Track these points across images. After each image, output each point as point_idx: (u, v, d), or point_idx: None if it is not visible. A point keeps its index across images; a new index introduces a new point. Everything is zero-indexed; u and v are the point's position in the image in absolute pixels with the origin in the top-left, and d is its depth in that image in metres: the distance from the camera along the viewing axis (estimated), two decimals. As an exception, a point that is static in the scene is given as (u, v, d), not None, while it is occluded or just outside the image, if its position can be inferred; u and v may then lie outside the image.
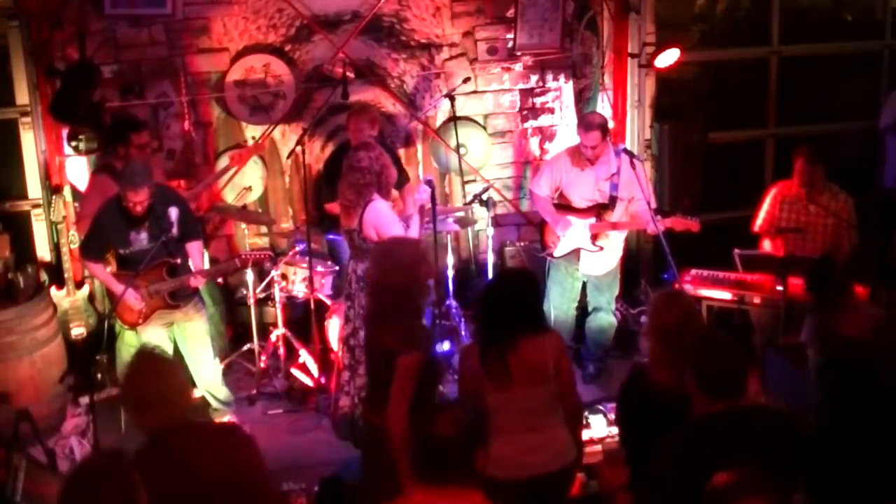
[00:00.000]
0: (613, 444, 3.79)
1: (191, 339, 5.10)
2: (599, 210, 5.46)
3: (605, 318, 5.75)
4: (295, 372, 5.75)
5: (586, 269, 5.61)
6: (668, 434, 2.95)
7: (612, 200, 5.42)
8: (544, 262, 5.77)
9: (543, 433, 3.56)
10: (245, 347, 5.95)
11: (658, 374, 3.35)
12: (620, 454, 3.31)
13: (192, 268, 5.07)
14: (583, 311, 5.89)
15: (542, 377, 3.53)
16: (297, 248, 5.89)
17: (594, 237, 5.47)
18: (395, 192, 5.43)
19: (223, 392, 5.28)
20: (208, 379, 5.19)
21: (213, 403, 5.25)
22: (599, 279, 5.65)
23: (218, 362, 5.33)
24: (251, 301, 5.82)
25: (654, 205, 5.41)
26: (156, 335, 5.02)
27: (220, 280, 6.21)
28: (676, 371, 3.15)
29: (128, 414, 2.94)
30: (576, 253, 5.57)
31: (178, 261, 4.98)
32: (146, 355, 3.04)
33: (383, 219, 4.59)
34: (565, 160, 5.53)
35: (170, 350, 5.05)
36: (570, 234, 5.52)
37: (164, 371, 2.90)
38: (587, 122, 5.39)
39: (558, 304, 5.68)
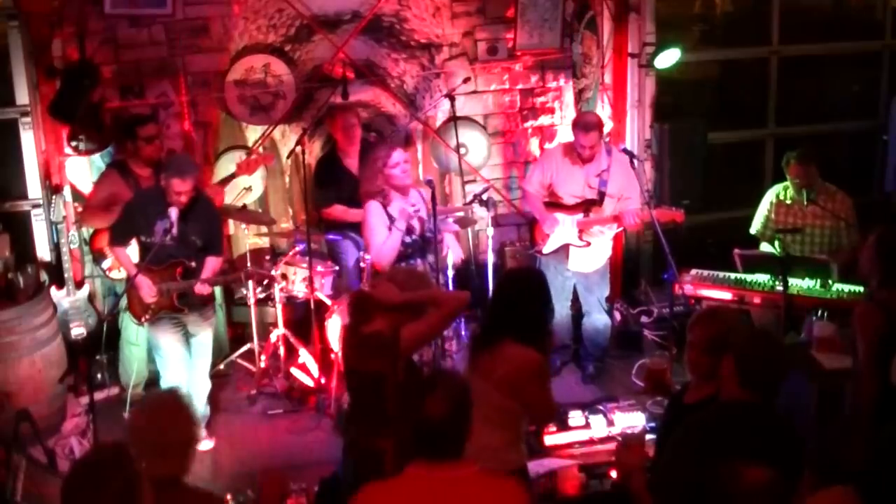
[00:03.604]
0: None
1: (194, 348, 5.12)
2: (588, 206, 5.49)
3: (598, 318, 5.75)
4: (295, 372, 5.75)
5: (575, 265, 5.62)
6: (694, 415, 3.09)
7: (601, 196, 5.45)
8: (537, 261, 5.77)
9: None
10: (245, 347, 5.97)
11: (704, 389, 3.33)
12: (639, 439, 3.40)
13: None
14: (579, 310, 5.87)
15: (493, 382, 3.45)
16: (297, 248, 5.90)
17: (581, 232, 5.51)
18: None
19: (202, 409, 5.24)
20: (195, 392, 5.17)
21: None
22: (588, 278, 5.66)
23: (208, 378, 5.29)
24: (251, 301, 5.83)
25: (640, 204, 5.47)
26: (169, 334, 5.01)
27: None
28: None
29: (139, 458, 2.62)
30: (565, 250, 5.60)
31: (194, 264, 5.00)
32: (168, 398, 2.93)
33: (368, 221, 4.71)
34: (559, 155, 5.55)
35: (180, 351, 5.04)
36: (559, 231, 5.55)
37: (184, 417, 2.81)
38: (586, 122, 5.40)
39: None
